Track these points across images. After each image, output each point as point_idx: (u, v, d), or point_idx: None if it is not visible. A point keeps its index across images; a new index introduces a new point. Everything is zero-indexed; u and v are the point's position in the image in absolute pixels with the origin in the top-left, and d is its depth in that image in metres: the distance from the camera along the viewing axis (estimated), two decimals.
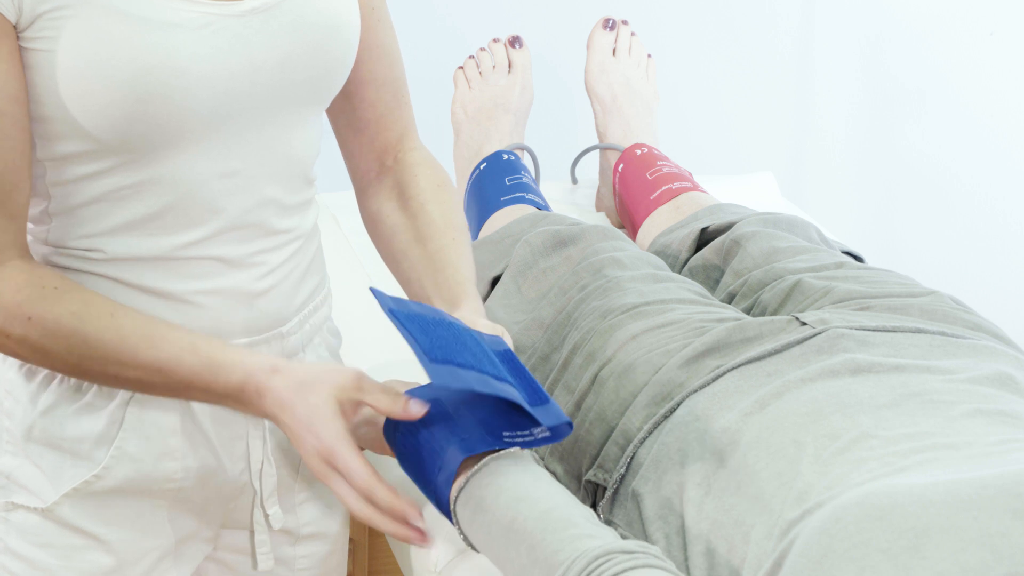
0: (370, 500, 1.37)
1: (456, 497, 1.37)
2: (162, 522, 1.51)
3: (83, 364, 1.40)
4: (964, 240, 2.77)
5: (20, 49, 1.34)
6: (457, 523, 1.38)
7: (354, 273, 2.14)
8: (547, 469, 1.62)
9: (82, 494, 1.47)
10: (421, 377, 1.93)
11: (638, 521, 1.46)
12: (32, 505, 1.48)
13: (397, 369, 1.90)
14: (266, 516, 1.55)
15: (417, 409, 1.39)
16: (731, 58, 3.01)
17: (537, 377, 1.72)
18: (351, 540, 2.45)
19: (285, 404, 1.39)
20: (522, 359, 1.75)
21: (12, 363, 1.47)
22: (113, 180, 1.40)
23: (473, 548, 1.38)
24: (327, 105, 1.51)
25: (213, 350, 1.41)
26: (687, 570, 1.39)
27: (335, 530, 1.62)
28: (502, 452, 1.38)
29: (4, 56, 1.33)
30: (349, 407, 1.40)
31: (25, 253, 1.40)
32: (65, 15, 1.32)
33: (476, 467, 1.37)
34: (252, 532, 1.57)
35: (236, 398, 1.41)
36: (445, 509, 1.39)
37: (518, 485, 1.35)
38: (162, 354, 1.40)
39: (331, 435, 1.37)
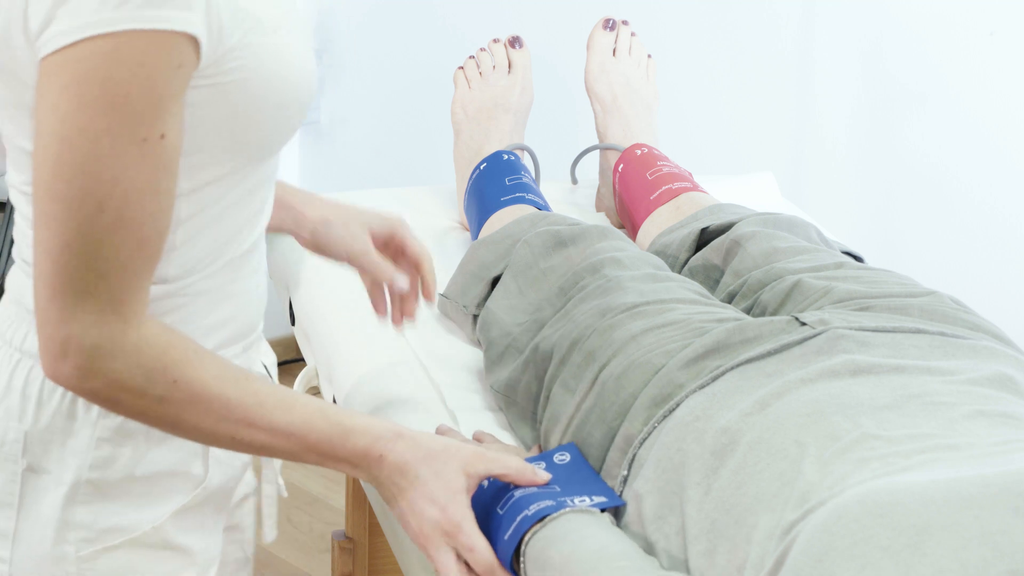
0: None
1: (527, 543, 1.42)
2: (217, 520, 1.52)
3: (216, 427, 1.37)
4: (964, 240, 2.77)
5: (194, 88, 1.31)
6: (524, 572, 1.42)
7: (355, 274, 2.14)
8: None
9: (185, 509, 1.47)
10: (412, 379, 1.93)
11: (638, 521, 1.47)
12: (132, 533, 1.45)
13: (390, 375, 1.90)
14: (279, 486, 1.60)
15: (544, 475, 1.47)
16: (731, 58, 3.01)
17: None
18: (351, 540, 2.45)
19: (407, 470, 1.42)
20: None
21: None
22: (231, 194, 1.40)
23: None
24: None
25: (341, 416, 1.43)
26: (688, 571, 1.39)
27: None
28: (573, 509, 1.44)
29: (181, 107, 1.30)
30: (474, 481, 1.44)
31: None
32: (249, 41, 1.31)
33: (549, 519, 1.42)
34: (260, 504, 1.61)
35: (355, 463, 1.43)
36: (507, 563, 1.43)
37: (593, 536, 1.41)
38: (296, 418, 1.40)
39: (458, 510, 1.42)
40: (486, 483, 1.50)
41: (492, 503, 1.47)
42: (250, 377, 1.39)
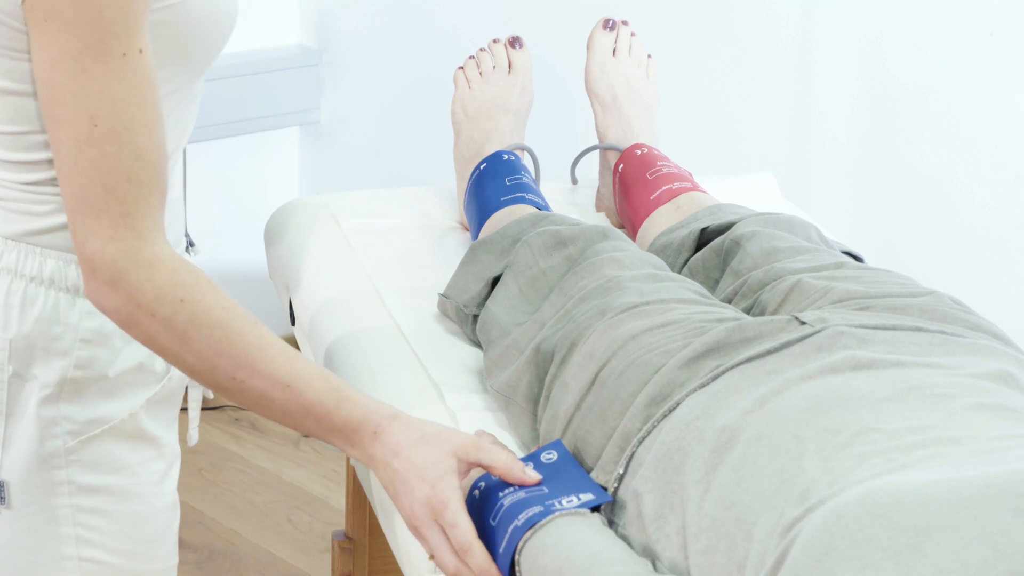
0: (464, 558, 1.44)
1: (520, 549, 1.43)
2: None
3: (215, 361, 1.42)
4: (964, 240, 2.77)
5: (154, 11, 1.39)
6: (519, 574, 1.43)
7: (355, 274, 2.14)
8: None
9: (153, 401, 1.55)
10: (412, 379, 1.93)
11: (638, 520, 1.47)
12: (112, 422, 1.52)
13: (390, 375, 1.90)
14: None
15: (534, 475, 1.49)
16: (731, 58, 3.01)
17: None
18: (351, 540, 2.45)
19: (400, 451, 1.46)
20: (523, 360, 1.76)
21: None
22: (177, 109, 1.48)
23: None
24: None
25: (340, 384, 1.47)
26: (687, 570, 1.40)
27: None
28: (562, 513, 1.45)
29: (147, 26, 1.37)
30: (464, 467, 1.47)
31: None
32: None
33: (539, 525, 1.43)
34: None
35: (347, 436, 1.47)
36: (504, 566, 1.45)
37: (585, 541, 1.42)
38: (295, 371, 1.44)
39: (446, 488, 1.44)
40: (477, 492, 1.51)
41: (485, 513, 1.48)
42: (258, 324, 1.44)
